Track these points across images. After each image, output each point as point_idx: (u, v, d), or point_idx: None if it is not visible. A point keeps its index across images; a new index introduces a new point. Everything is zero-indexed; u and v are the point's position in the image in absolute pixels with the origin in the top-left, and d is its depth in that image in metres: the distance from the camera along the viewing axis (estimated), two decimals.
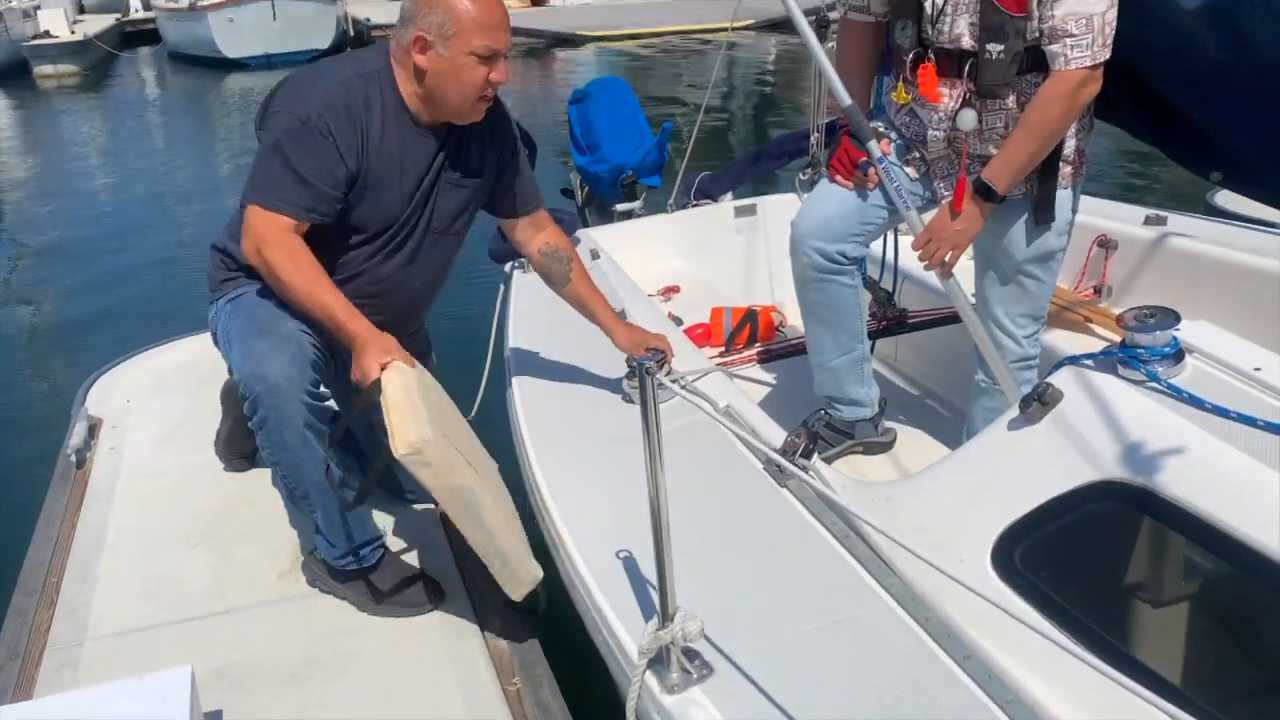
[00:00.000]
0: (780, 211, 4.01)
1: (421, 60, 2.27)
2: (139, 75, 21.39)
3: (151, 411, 3.43)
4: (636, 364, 1.69)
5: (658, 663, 1.76)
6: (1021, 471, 1.97)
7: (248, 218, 2.25)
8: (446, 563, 2.64)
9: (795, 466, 2.13)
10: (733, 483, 2.29)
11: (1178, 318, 1.93)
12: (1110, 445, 1.85)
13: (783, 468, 2.19)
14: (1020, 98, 2.38)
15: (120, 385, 3.60)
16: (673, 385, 1.71)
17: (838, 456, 2.85)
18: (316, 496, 2.37)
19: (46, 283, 7.64)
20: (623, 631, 1.90)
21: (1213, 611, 1.83)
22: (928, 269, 2.51)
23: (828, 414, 2.88)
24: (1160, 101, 2.43)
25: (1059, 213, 2.47)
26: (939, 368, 3.48)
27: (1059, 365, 2.08)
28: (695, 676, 1.75)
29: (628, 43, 21.55)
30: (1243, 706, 1.65)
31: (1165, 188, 7.24)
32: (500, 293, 3.38)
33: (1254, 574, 1.64)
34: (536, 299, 3.00)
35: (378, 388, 2.14)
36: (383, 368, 2.15)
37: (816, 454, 2.28)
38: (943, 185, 2.57)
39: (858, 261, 2.65)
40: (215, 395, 3.09)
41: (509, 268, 3.47)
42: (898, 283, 3.38)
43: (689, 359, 2.74)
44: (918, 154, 2.57)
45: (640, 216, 4.20)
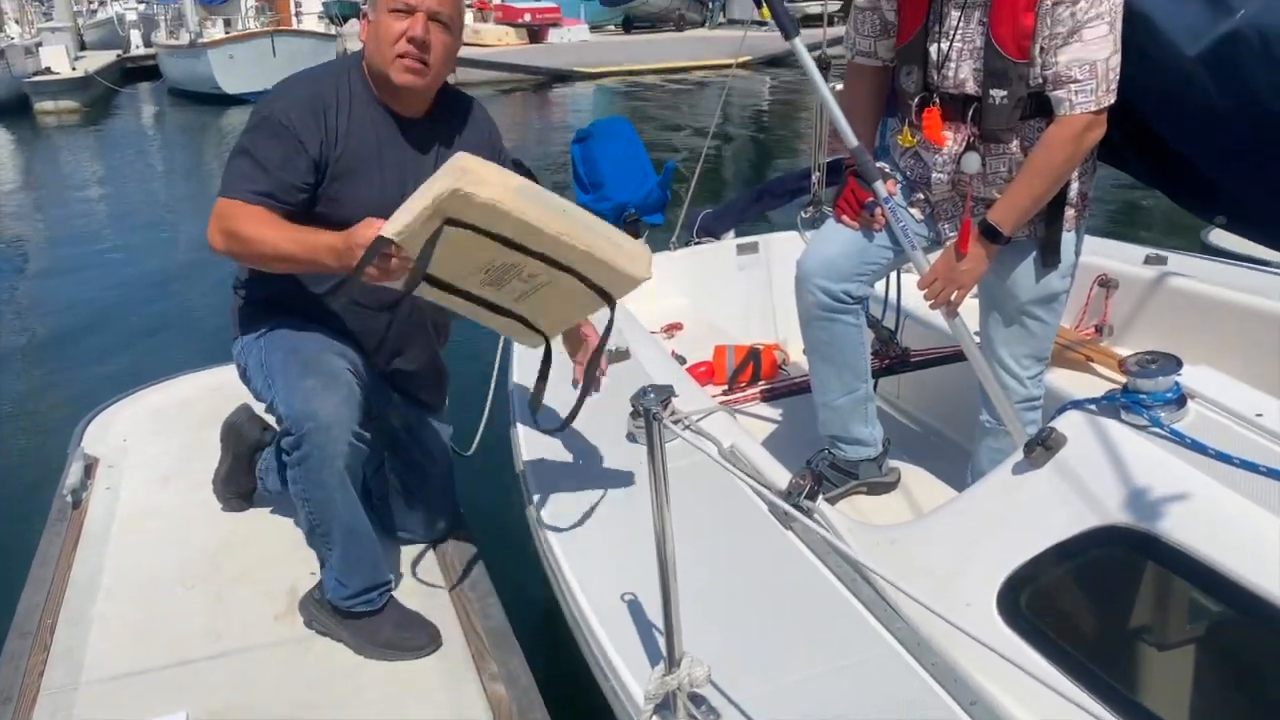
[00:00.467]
0: (782, 249, 4.02)
1: (363, 35, 2.33)
2: (139, 110, 21.55)
3: (149, 450, 3.40)
4: (642, 407, 1.68)
5: (664, 708, 1.75)
6: (1026, 516, 1.98)
7: (213, 211, 2.25)
8: (444, 605, 2.61)
9: (800, 510, 2.14)
10: (737, 524, 2.28)
11: (1179, 364, 1.96)
12: (1114, 490, 1.86)
13: (788, 511, 2.18)
14: (1024, 142, 2.40)
15: (117, 423, 3.57)
16: (678, 430, 1.70)
17: (842, 496, 2.84)
18: (338, 536, 2.37)
19: (45, 318, 7.63)
20: (629, 677, 1.89)
21: (1217, 657, 1.83)
22: (933, 308, 2.51)
23: (831, 453, 2.87)
24: (1163, 145, 2.44)
25: (1063, 255, 2.48)
26: (942, 406, 3.47)
27: (1062, 409, 2.10)
28: None
29: (624, 79, 21.73)
30: None
31: (1162, 221, 7.27)
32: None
33: (1257, 619, 1.64)
34: None
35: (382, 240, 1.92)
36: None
37: (821, 495, 2.27)
38: (947, 227, 2.58)
39: (862, 301, 2.66)
40: (213, 433, 3.07)
41: None
42: (900, 321, 3.38)
43: (692, 398, 2.74)
44: (922, 196, 2.59)
45: None
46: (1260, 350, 2.82)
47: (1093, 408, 2.03)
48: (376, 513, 2.70)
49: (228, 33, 21.23)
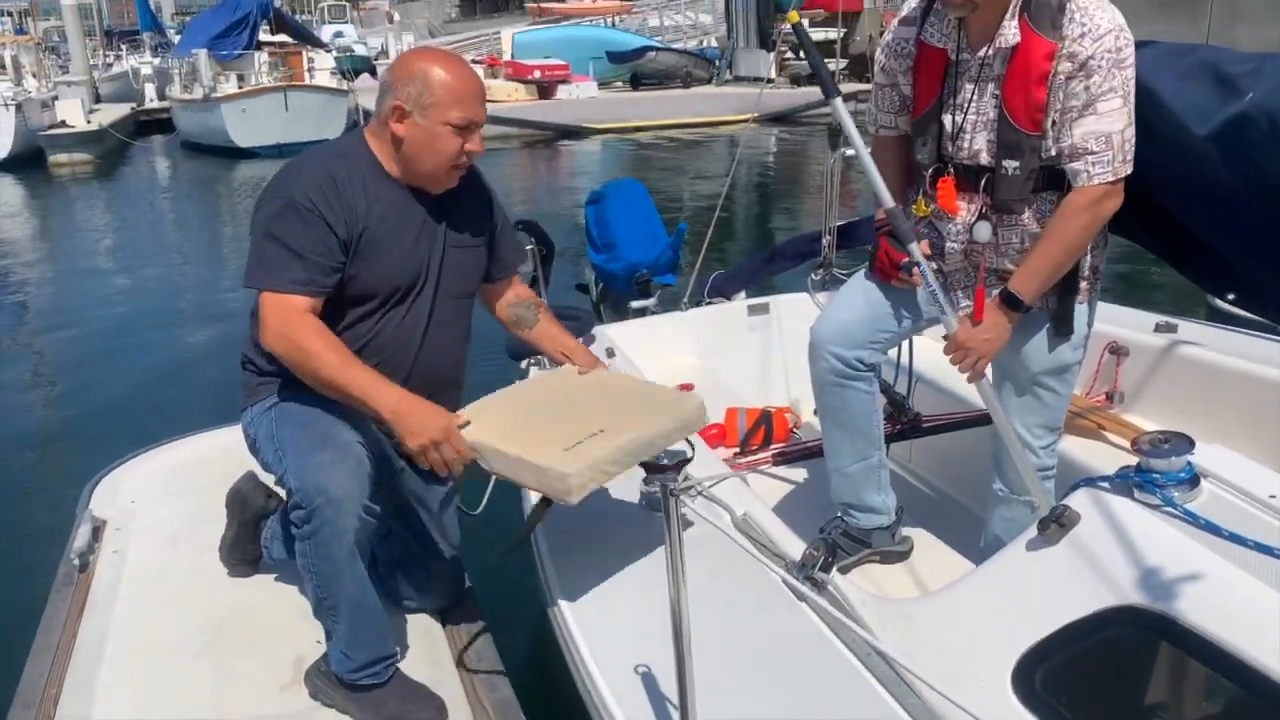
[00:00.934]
0: (793, 311, 4.04)
1: (399, 129, 2.36)
2: (151, 163, 21.81)
3: (157, 512, 3.38)
4: (659, 482, 1.69)
5: None
6: (1041, 593, 1.98)
7: (262, 308, 2.29)
8: (450, 677, 2.58)
9: (814, 584, 2.15)
10: (751, 595, 2.27)
11: (1192, 443, 1.97)
12: (1129, 570, 1.87)
13: (802, 584, 2.18)
14: (1036, 214, 2.43)
15: (126, 484, 3.55)
16: (691, 498, 1.73)
17: (854, 566, 2.82)
18: (345, 610, 2.36)
19: (54, 373, 7.64)
20: None
21: None
22: (961, 372, 2.53)
23: (844, 521, 2.85)
24: (1173, 220, 2.46)
25: (1075, 326, 2.50)
26: (953, 472, 3.46)
27: (1075, 486, 2.10)
28: None
29: (632, 135, 21.94)
30: None
31: (1167, 285, 7.28)
32: None
33: (1273, 703, 1.63)
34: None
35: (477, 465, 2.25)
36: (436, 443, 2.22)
37: (835, 565, 2.26)
38: (960, 295, 2.60)
39: (875, 368, 2.67)
40: (222, 495, 3.06)
41: (525, 364, 3.48)
42: (911, 386, 3.37)
43: (704, 461, 2.72)
44: (936, 265, 2.60)
45: (655, 314, 4.22)
46: (1271, 421, 2.82)
47: (1106, 486, 2.04)
48: (382, 580, 2.68)
49: (241, 87, 21.47)
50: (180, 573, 3.04)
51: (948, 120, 2.45)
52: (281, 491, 2.65)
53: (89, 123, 21.80)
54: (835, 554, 2.69)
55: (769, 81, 24.88)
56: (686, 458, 2.18)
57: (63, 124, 21.12)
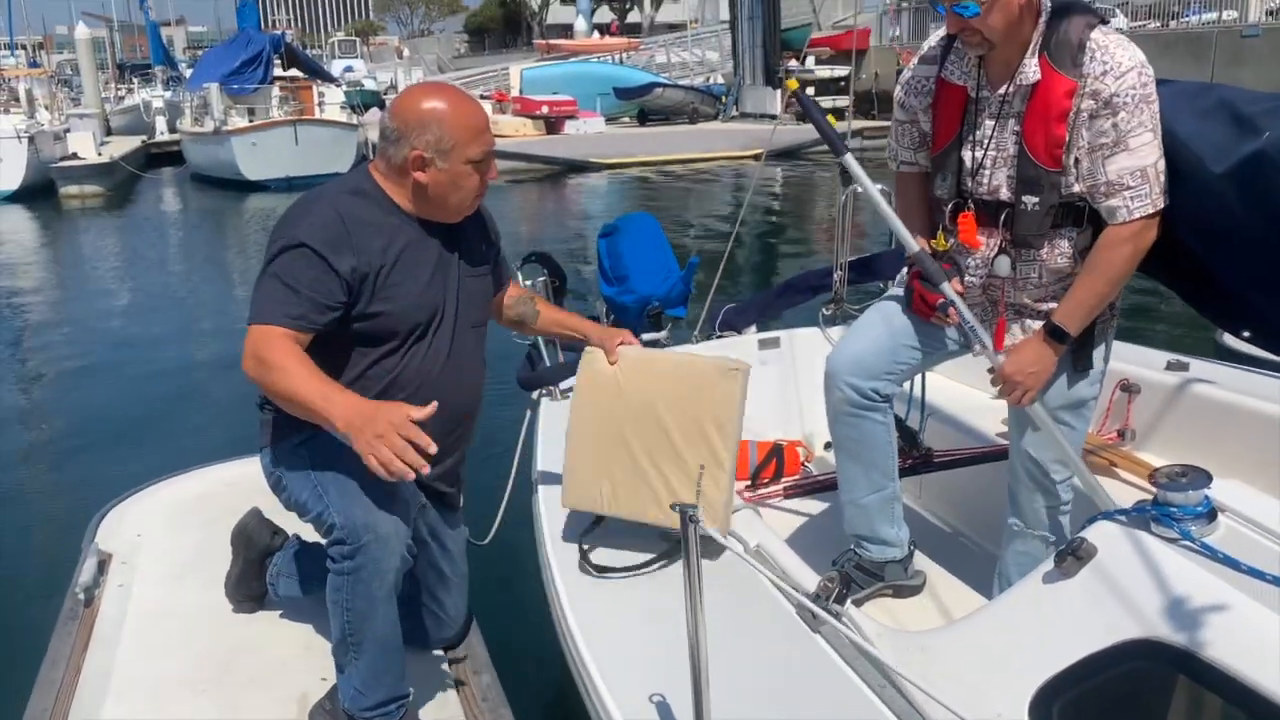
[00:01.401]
0: (804, 345, 4.03)
1: (423, 177, 2.37)
2: (161, 195, 21.96)
3: (163, 546, 3.36)
4: (680, 510, 1.69)
5: None
6: (1058, 626, 1.97)
7: (247, 337, 2.25)
8: (456, 716, 2.55)
9: (829, 614, 2.14)
10: (765, 626, 2.26)
11: (1209, 477, 1.97)
12: (1147, 603, 1.86)
13: (816, 615, 2.17)
14: (1054, 250, 2.44)
15: (132, 518, 3.54)
16: (719, 538, 1.75)
17: (868, 599, 2.80)
18: (369, 647, 2.34)
19: (62, 406, 7.62)
20: None
21: None
22: (1010, 405, 2.54)
23: (857, 554, 2.83)
24: (1190, 257, 2.46)
25: (1093, 363, 2.50)
26: (965, 508, 3.45)
27: (1093, 519, 2.10)
28: None
29: (639, 170, 22.06)
30: None
31: (1174, 320, 7.27)
32: (526, 420, 3.39)
33: None
34: (565, 426, 2.99)
35: None
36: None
37: (849, 597, 2.25)
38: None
39: (890, 399, 2.66)
40: (228, 529, 3.03)
41: (536, 395, 3.47)
42: (923, 421, 3.36)
43: None
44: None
45: (666, 347, 4.21)
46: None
47: (1123, 519, 2.04)
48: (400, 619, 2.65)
49: (251, 121, 21.65)
50: (185, 608, 3.01)
51: (967, 156, 2.47)
52: (300, 529, 2.62)
53: (100, 155, 21.99)
54: (849, 586, 2.67)
55: (775, 119, 25.03)
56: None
57: (74, 156, 21.30)
